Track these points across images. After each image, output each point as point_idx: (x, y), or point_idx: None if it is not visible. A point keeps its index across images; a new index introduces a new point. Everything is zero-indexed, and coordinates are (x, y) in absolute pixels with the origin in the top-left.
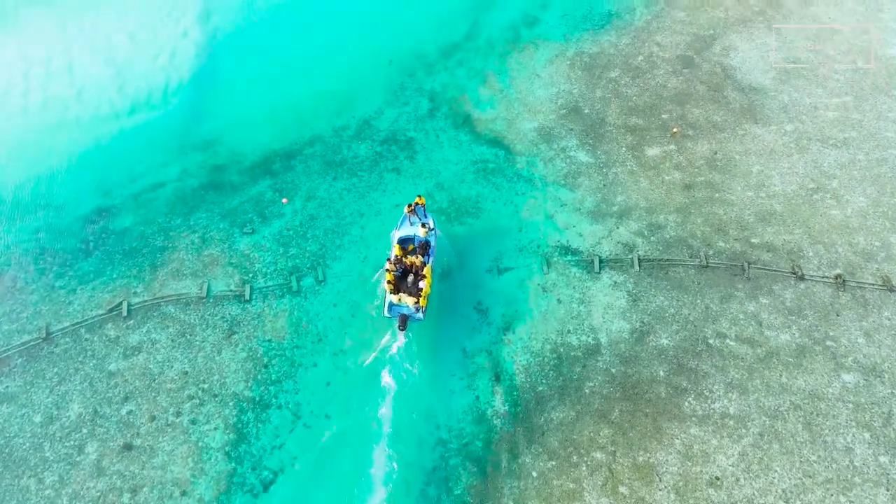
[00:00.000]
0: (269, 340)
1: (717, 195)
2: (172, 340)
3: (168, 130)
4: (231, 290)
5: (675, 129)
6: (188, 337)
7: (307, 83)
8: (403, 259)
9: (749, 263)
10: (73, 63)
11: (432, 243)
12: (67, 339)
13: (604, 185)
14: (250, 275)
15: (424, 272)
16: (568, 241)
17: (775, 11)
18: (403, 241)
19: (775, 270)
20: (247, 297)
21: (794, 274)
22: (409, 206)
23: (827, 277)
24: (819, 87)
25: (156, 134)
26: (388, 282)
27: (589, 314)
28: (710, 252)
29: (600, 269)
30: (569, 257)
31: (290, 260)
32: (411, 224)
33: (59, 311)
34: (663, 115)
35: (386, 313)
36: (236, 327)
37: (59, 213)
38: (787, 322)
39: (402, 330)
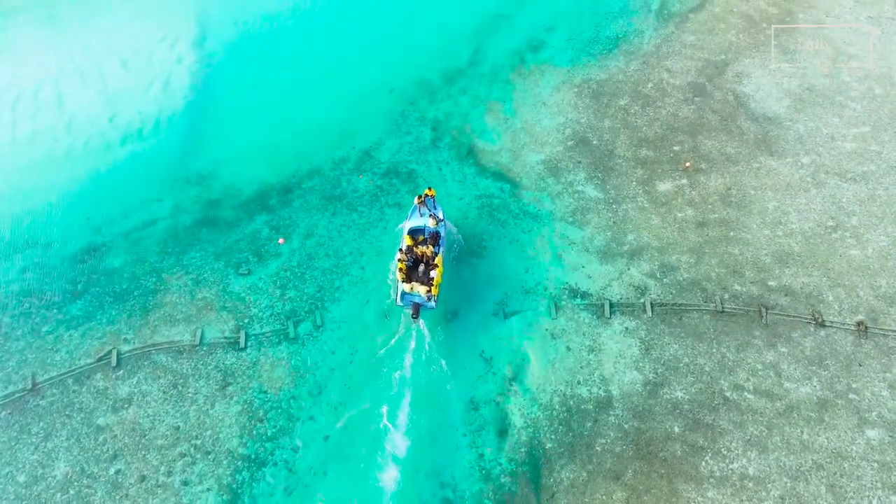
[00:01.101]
0: (265, 392)
1: (732, 234)
2: (164, 392)
3: (161, 163)
4: (225, 337)
5: (687, 164)
6: (180, 389)
7: (305, 112)
8: (414, 249)
9: (766, 309)
10: (63, 92)
11: (442, 234)
12: (54, 391)
13: (613, 222)
14: (246, 320)
15: (436, 262)
16: (577, 282)
17: (788, 35)
18: (414, 232)
19: (794, 316)
20: (242, 344)
21: (814, 320)
22: (419, 197)
23: (848, 324)
24: (835, 116)
25: (148, 167)
26: (400, 270)
27: (600, 363)
28: (726, 296)
29: (611, 313)
30: (578, 301)
31: (288, 303)
32: (421, 215)
33: (45, 360)
34: (675, 147)
35: (399, 302)
36: (230, 378)
37: (47, 251)
38: (808, 373)
39: (415, 318)
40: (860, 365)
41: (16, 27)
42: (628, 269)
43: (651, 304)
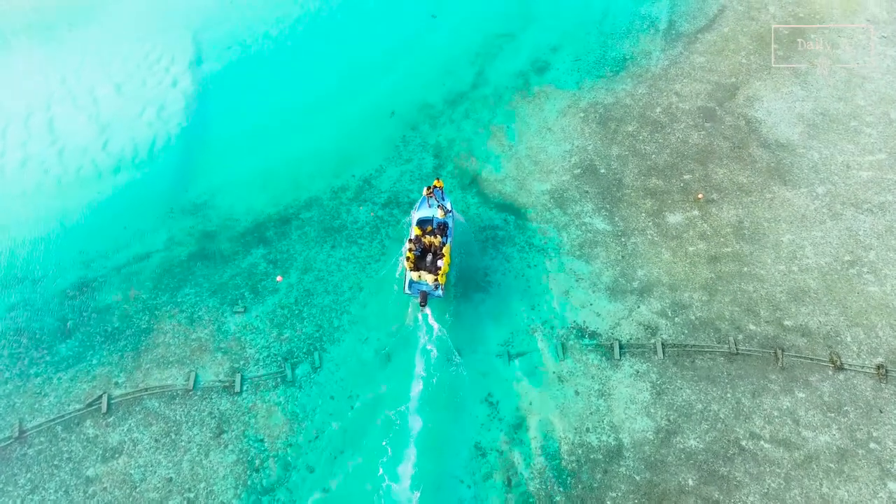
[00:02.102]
0: (261, 440)
1: (745, 269)
2: (156, 441)
3: (155, 192)
4: (220, 381)
5: (699, 195)
6: (173, 437)
7: (303, 138)
8: (423, 239)
9: (782, 350)
10: (55, 118)
11: (450, 224)
12: (42, 439)
13: (622, 256)
14: (241, 362)
15: (443, 251)
16: (584, 321)
17: (800, 57)
18: (422, 223)
19: (811, 359)
20: (237, 388)
21: (832, 363)
22: (428, 188)
23: (868, 367)
24: (850, 142)
25: (142, 196)
26: (408, 259)
27: (609, 409)
28: (740, 336)
29: (621, 355)
30: (586, 341)
31: (285, 344)
32: (430, 206)
33: (33, 405)
34: (685, 176)
35: (407, 290)
36: (225, 425)
37: (36, 287)
38: (826, 420)
39: (422, 306)
40: (881, 411)
41: (7, 51)
42: (638, 307)
43: (662, 345)
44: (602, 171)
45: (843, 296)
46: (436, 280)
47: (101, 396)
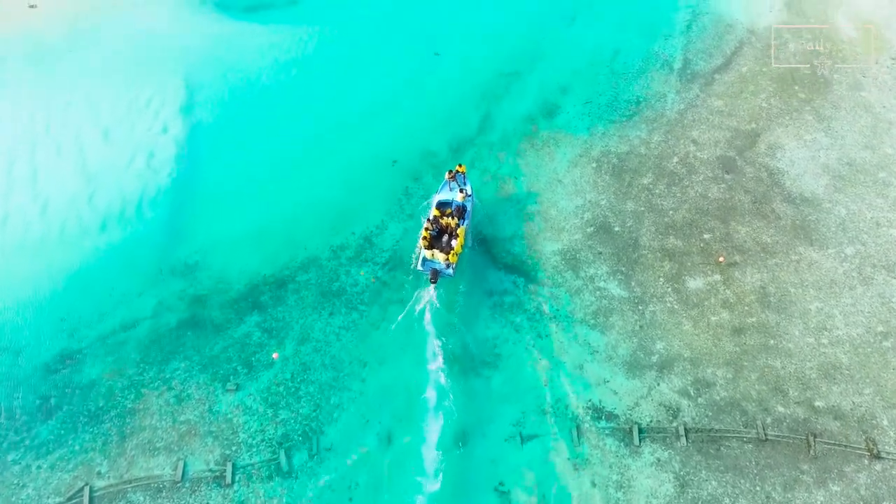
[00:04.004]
0: None
1: (772, 342)
2: None
3: (143, 251)
4: (210, 470)
5: (720, 258)
6: None
7: (300, 190)
8: (440, 220)
9: (815, 436)
10: (38, 169)
11: (468, 208)
12: None
13: (640, 326)
14: (233, 447)
15: (458, 232)
16: (601, 400)
17: (823, 99)
18: (442, 205)
19: (846, 446)
20: (228, 479)
21: (869, 451)
22: (451, 172)
23: None
24: (879, 196)
25: (129, 255)
26: (424, 238)
27: None
28: (769, 420)
29: (640, 440)
30: (602, 423)
31: (280, 426)
32: (451, 189)
33: (10, 498)
34: (705, 235)
35: (419, 267)
36: None
37: (16, 359)
38: None
39: (433, 283)
40: None
41: None
42: (658, 384)
43: (685, 429)
44: (617, 228)
45: (877, 372)
46: (447, 259)
47: (82, 489)
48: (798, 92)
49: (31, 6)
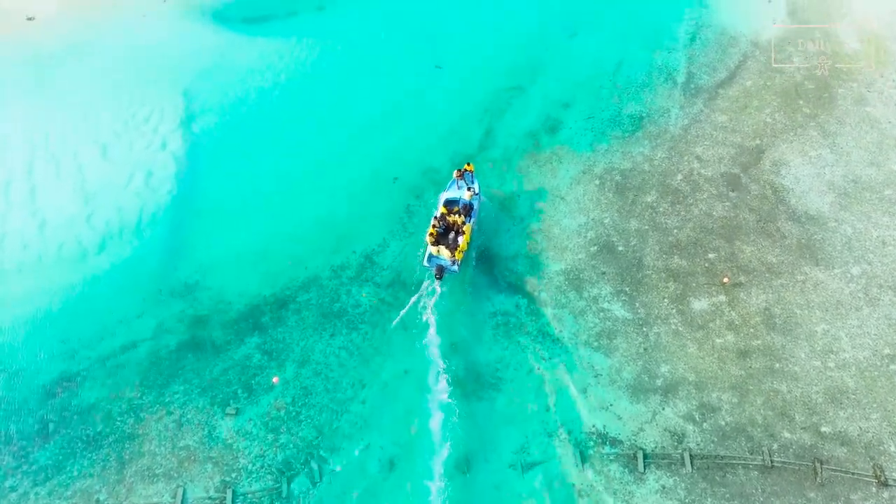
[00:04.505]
0: None
1: (777, 365)
2: None
3: (143, 271)
4: (210, 498)
5: (725, 279)
6: None
7: (301, 207)
8: (447, 217)
9: (821, 463)
10: (36, 187)
11: (475, 206)
12: None
13: (644, 349)
14: (233, 474)
15: (464, 229)
16: (605, 426)
17: (828, 114)
18: (449, 203)
19: (853, 473)
20: None
21: (876, 478)
22: (459, 171)
23: None
24: (885, 213)
25: (129, 275)
26: (431, 235)
27: None
28: (775, 446)
29: (645, 466)
30: (607, 449)
31: (280, 452)
32: (458, 188)
33: None
34: (710, 255)
35: (425, 263)
36: None
37: (14, 381)
38: None
39: (438, 279)
40: None
41: None
42: (663, 408)
43: (690, 455)
44: (620, 248)
45: (884, 396)
46: (452, 256)
47: None
48: (803, 107)
49: (29, 18)
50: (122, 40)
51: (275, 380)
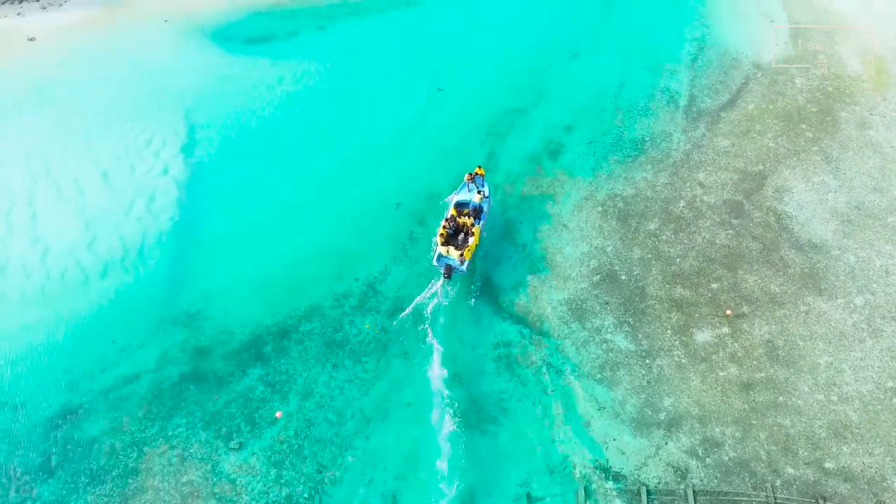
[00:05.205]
0: None
1: (781, 399)
2: None
3: (145, 299)
4: None
5: (728, 311)
6: None
7: (303, 233)
8: (457, 219)
9: (824, 500)
10: (38, 214)
11: (485, 209)
12: None
13: (647, 381)
14: None
15: (473, 231)
16: (608, 460)
17: (830, 139)
18: (460, 205)
19: None
20: None
21: None
22: (470, 174)
23: None
24: (888, 242)
25: (131, 304)
26: (441, 235)
27: None
28: (778, 482)
29: (649, 503)
30: (610, 484)
31: (284, 488)
32: (469, 191)
33: None
34: (713, 285)
35: (434, 262)
36: None
37: (17, 414)
38: None
39: (447, 279)
40: None
41: None
42: (666, 443)
43: (694, 491)
44: (623, 277)
45: (887, 431)
46: (462, 256)
47: None
48: (805, 131)
49: (31, 39)
50: (123, 61)
51: (278, 415)
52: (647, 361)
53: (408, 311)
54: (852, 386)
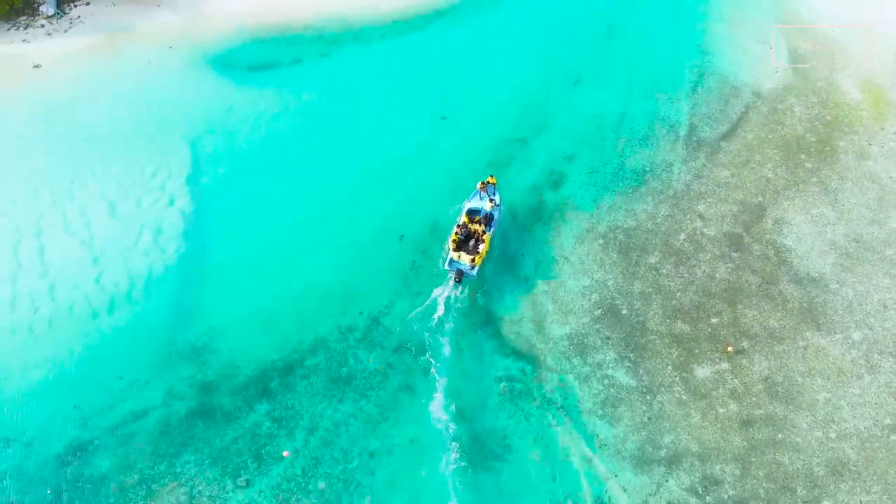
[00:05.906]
0: None
1: (779, 436)
2: None
3: (152, 333)
4: None
5: (728, 348)
6: None
7: (308, 267)
8: (469, 226)
9: None
10: (45, 247)
11: (496, 216)
12: None
13: (648, 418)
14: None
15: (484, 237)
16: (611, 498)
17: (829, 169)
18: (472, 212)
19: None
20: None
21: None
22: (482, 183)
23: None
24: (886, 275)
25: (138, 339)
26: (453, 240)
27: None
28: None
29: None
30: None
31: None
32: (481, 199)
33: None
34: (713, 320)
35: (446, 266)
36: None
37: (28, 451)
38: None
39: (457, 283)
40: None
41: None
42: (666, 481)
43: None
44: (624, 311)
45: (884, 469)
46: (472, 261)
47: None
48: (804, 161)
49: (36, 66)
50: (128, 88)
51: (285, 454)
52: (648, 398)
53: (412, 343)
54: (850, 423)
